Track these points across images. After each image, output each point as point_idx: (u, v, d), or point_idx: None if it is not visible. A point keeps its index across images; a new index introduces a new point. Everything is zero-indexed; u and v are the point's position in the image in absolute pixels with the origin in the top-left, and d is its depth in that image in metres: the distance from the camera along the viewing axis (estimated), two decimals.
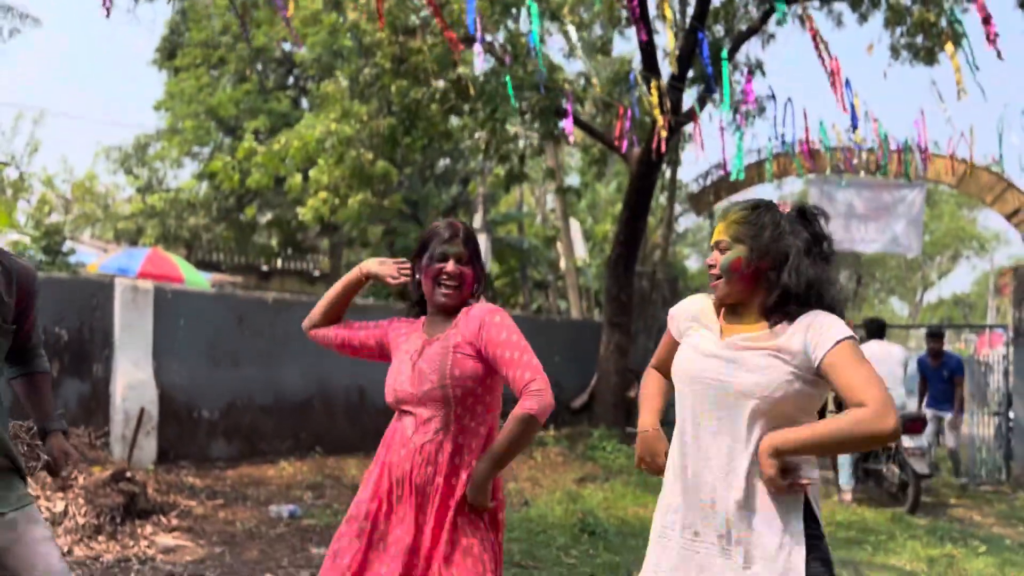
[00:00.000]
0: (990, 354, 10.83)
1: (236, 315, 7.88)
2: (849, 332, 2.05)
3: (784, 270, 2.11)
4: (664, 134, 8.46)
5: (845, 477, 7.93)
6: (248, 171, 10.80)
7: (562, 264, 20.06)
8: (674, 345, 2.33)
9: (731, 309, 2.22)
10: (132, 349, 7.03)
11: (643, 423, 2.38)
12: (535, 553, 5.14)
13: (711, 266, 2.19)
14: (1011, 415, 9.23)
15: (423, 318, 2.55)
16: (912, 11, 11.10)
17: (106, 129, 63.27)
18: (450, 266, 2.42)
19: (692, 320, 2.28)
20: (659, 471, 2.27)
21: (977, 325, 17.72)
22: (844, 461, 7.94)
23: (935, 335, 8.90)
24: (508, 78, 8.61)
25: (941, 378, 8.74)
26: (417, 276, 2.52)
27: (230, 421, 7.71)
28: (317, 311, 2.64)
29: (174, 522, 5.43)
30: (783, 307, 2.11)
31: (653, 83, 8.08)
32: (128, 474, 5.45)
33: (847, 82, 7.48)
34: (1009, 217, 9.19)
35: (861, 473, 8.03)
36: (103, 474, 5.35)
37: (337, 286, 2.65)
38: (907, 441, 7.41)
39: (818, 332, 2.05)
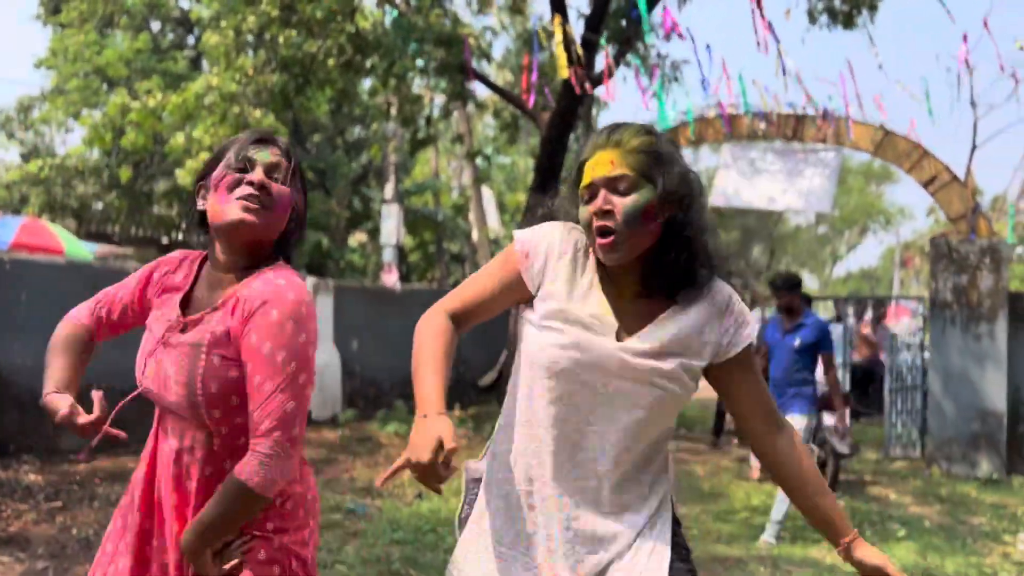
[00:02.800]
0: (898, 327, 10.68)
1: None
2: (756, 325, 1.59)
3: (692, 219, 1.58)
4: (574, 80, 7.86)
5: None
6: (122, 129, 9.74)
7: (474, 235, 19.38)
8: (511, 295, 1.67)
9: (616, 273, 1.63)
10: None
11: (425, 403, 1.52)
12: (418, 558, 4.50)
13: (605, 212, 1.55)
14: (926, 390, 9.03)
15: (200, 266, 1.78)
16: None
17: None
18: (257, 174, 1.66)
19: (565, 284, 1.63)
20: (437, 481, 1.42)
21: (888, 297, 17.86)
22: None
23: (784, 286, 5.75)
24: (404, 22, 7.83)
25: (790, 349, 5.64)
26: (201, 204, 1.74)
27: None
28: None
29: None
30: (688, 276, 1.60)
31: (557, 22, 7.43)
32: None
33: (770, 26, 7.03)
34: (926, 184, 8.93)
35: None
36: None
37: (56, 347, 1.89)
38: (827, 419, 7.06)
39: (737, 324, 1.63)
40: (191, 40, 22.72)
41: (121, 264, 7.61)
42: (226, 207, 1.65)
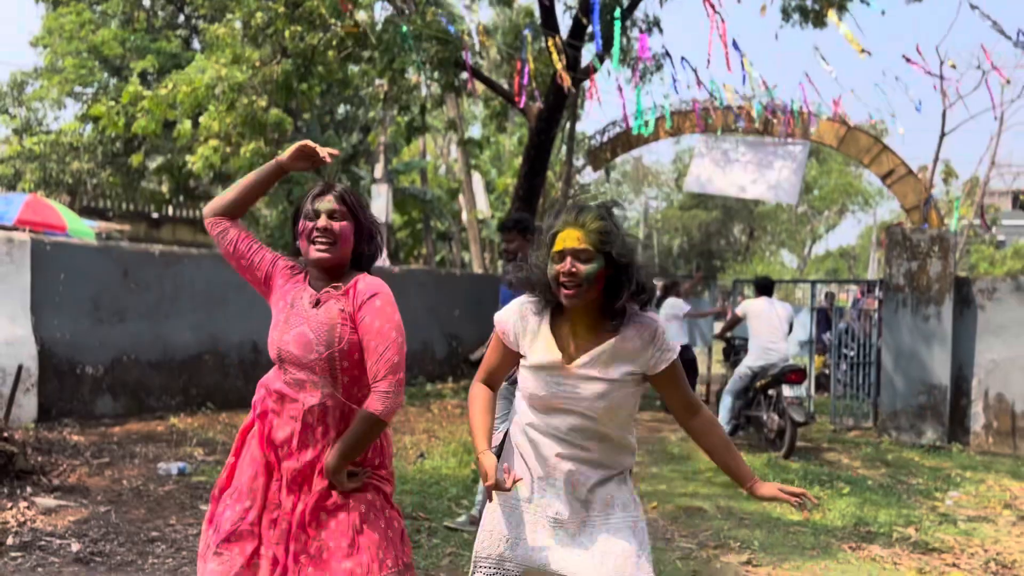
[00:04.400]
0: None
1: (121, 268, 7.61)
2: (677, 348, 2.36)
3: (633, 271, 2.25)
4: (566, 83, 8.52)
5: (722, 424, 8.38)
6: (134, 116, 10.32)
7: (464, 217, 20.02)
8: (507, 355, 2.42)
9: (572, 313, 2.31)
10: (8, 304, 6.72)
11: (479, 444, 2.36)
12: (427, 505, 5.26)
13: (571, 274, 2.21)
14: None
15: (306, 272, 2.47)
16: None
17: None
18: (321, 221, 2.36)
19: (531, 335, 2.35)
20: (502, 490, 2.27)
21: (851, 280, 18.70)
22: (724, 406, 8.37)
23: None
24: (405, 28, 8.47)
25: None
26: (296, 243, 2.46)
27: (116, 377, 7.50)
28: (223, 198, 2.47)
29: (56, 482, 5.29)
30: (623, 307, 2.27)
31: (550, 41, 8.10)
32: (5, 434, 5.26)
33: (735, 43, 7.70)
34: (884, 177, 9.69)
35: (743, 420, 8.48)
36: None
37: (250, 176, 2.49)
38: (787, 390, 7.85)
39: (661, 347, 2.30)
40: (181, 18, 23.09)
41: (147, 247, 8.24)
42: (308, 249, 2.39)
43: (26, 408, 6.62)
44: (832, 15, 7.83)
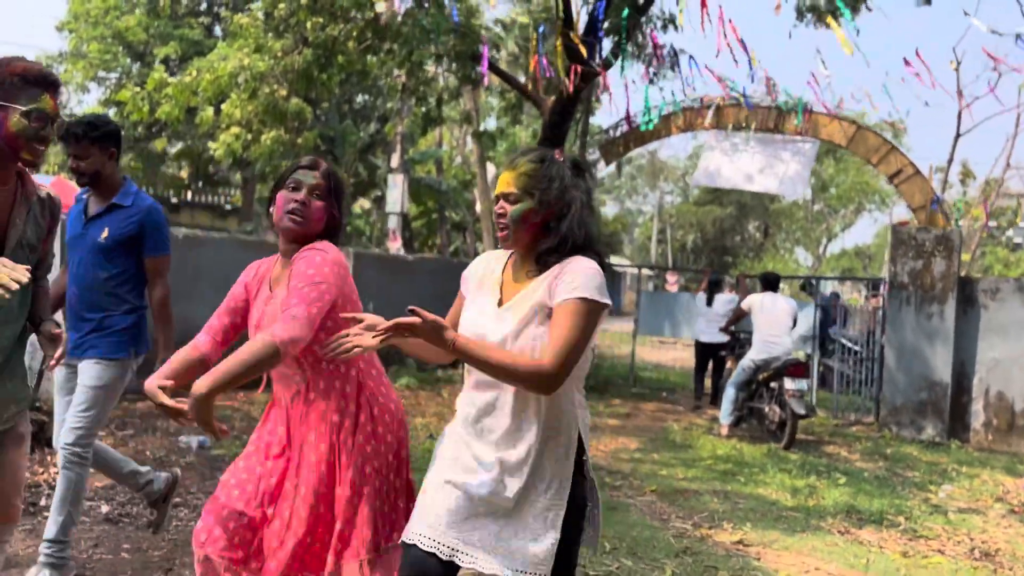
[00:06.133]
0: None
1: (175, 259, 7.86)
2: (590, 294, 2.09)
3: (566, 220, 2.19)
4: (574, 80, 8.71)
5: (725, 414, 8.60)
6: (158, 102, 10.58)
7: (478, 208, 20.25)
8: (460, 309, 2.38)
9: (518, 259, 2.29)
10: None
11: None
12: None
13: (500, 215, 2.22)
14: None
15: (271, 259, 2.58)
16: None
17: (2, 48, 59.76)
18: (301, 194, 2.42)
19: (478, 283, 2.34)
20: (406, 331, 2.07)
21: (849, 278, 18.79)
22: (727, 398, 8.58)
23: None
24: (423, 21, 8.68)
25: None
26: (271, 211, 2.51)
27: None
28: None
29: None
30: (556, 253, 2.18)
31: (571, 34, 8.30)
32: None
33: (742, 42, 7.88)
34: (891, 178, 9.83)
35: (746, 411, 8.68)
36: None
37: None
38: (788, 383, 8.04)
39: (563, 281, 2.12)
40: (203, 5, 23.39)
41: (171, 231, 8.49)
42: (281, 220, 2.43)
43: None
44: (831, 20, 7.98)
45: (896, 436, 9.27)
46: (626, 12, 8.18)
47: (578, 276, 2.11)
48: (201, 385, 2.15)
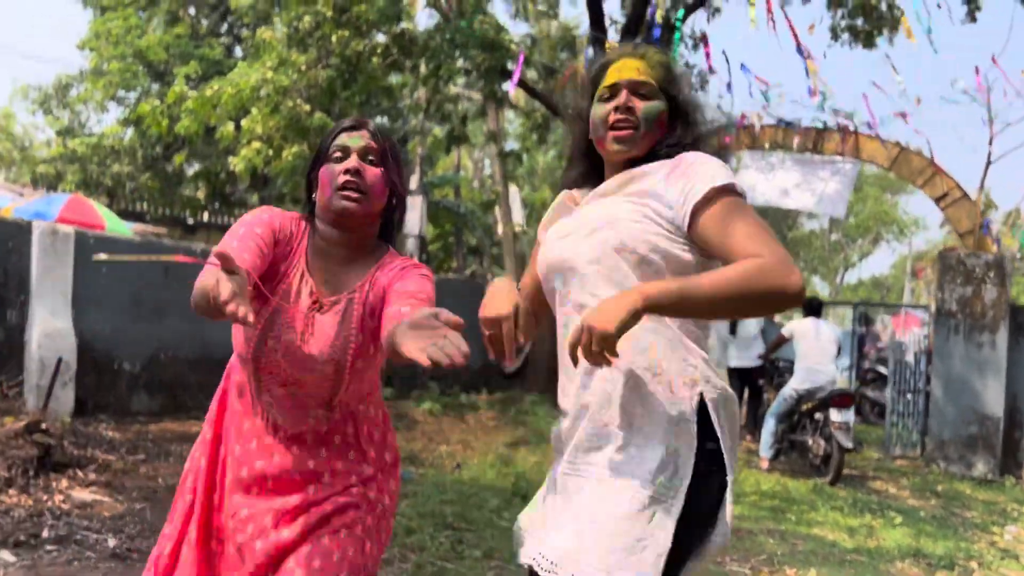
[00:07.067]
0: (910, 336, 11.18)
1: (163, 265, 7.55)
2: (729, 178, 1.59)
3: (697, 124, 1.75)
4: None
5: (765, 447, 8.15)
6: (177, 117, 10.33)
7: (499, 229, 19.94)
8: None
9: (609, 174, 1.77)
10: (50, 296, 6.68)
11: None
12: (467, 516, 5.09)
13: (628, 109, 1.68)
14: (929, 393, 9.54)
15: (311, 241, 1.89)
16: None
17: (24, 64, 60.31)
18: (352, 161, 1.80)
19: (550, 216, 1.86)
20: (503, 342, 1.67)
21: (899, 305, 18.32)
22: (767, 429, 8.14)
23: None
24: (455, 33, 8.40)
25: None
26: (313, 196, 1.90)
27: (153, 374, 7.43)
28: None
29: (91, 476, 5.20)
30: (669, 151, 1.71)
31: (607, 44, 8.00)
32: (43, 426, 5.18)
33: (799, 48, 7.57)
34: (937, 200, 9.44)
35: (786, 444, 8.23)
36: (16, 425, 5.07)
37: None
38: (835, 415, 7.59)
39: (691, 172, 1.60)
40: (224, 26, 23.36)
41: (189, 246, 8.20)
42: (330, 197, 1.80)
43: (63, 401, 6.55)
44: (904, 22, 7.67)
45: (945, 472, 8.78)
46: (681, 12, 7.85)
47: (709, 165, 1.61)
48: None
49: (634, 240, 1.60)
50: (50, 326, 6.60)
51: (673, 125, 1.72)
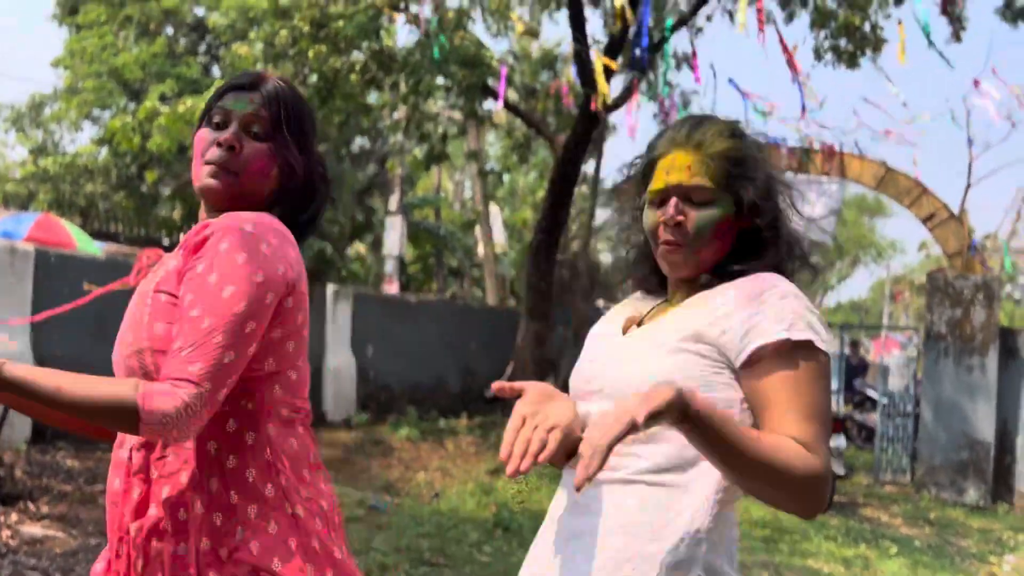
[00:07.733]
0: (890, 358, 11.04)
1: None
2: (815, 336, 1.26)
3: (781, 228, 1.40)
4: (595, 106, 8.26)
5: None
6: (149, 133, 10.04)
7: (480, 250, 19.74)
8: None
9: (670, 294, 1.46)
10: (7, 316, 6.35)
11: None
12: (446, 550, 4.80)
13: (677, 223, 1.35)
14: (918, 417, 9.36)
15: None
16: (838, 14, 11.22)
17: None
18: (228, 133, 1.42)
19: (612, 315, 1.54)
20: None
21: (890, 327, 18.26)
22: None
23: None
24: (435, 48, 8.21)
25: None
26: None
27: None
28: None
29: (44, 509, 4.87)
30: (742, 269, 1.38)
31: (597, 57, 7.86)
32: None
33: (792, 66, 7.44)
34: (925, 220, 9.32)
35: None
36: None
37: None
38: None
39: (757, 307, 1.27)
40: (202, 46, 23.12)
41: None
42: (199, 172, 1.44)
43: (19, 428, 6.21)
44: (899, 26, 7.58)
45: (936, 498, 8.58)
46: (669, 22, 7.71)
47: (788, 303, 1.28)
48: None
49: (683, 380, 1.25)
50: (4, 348, 6.26)
51: (746, 223, 1.38)
